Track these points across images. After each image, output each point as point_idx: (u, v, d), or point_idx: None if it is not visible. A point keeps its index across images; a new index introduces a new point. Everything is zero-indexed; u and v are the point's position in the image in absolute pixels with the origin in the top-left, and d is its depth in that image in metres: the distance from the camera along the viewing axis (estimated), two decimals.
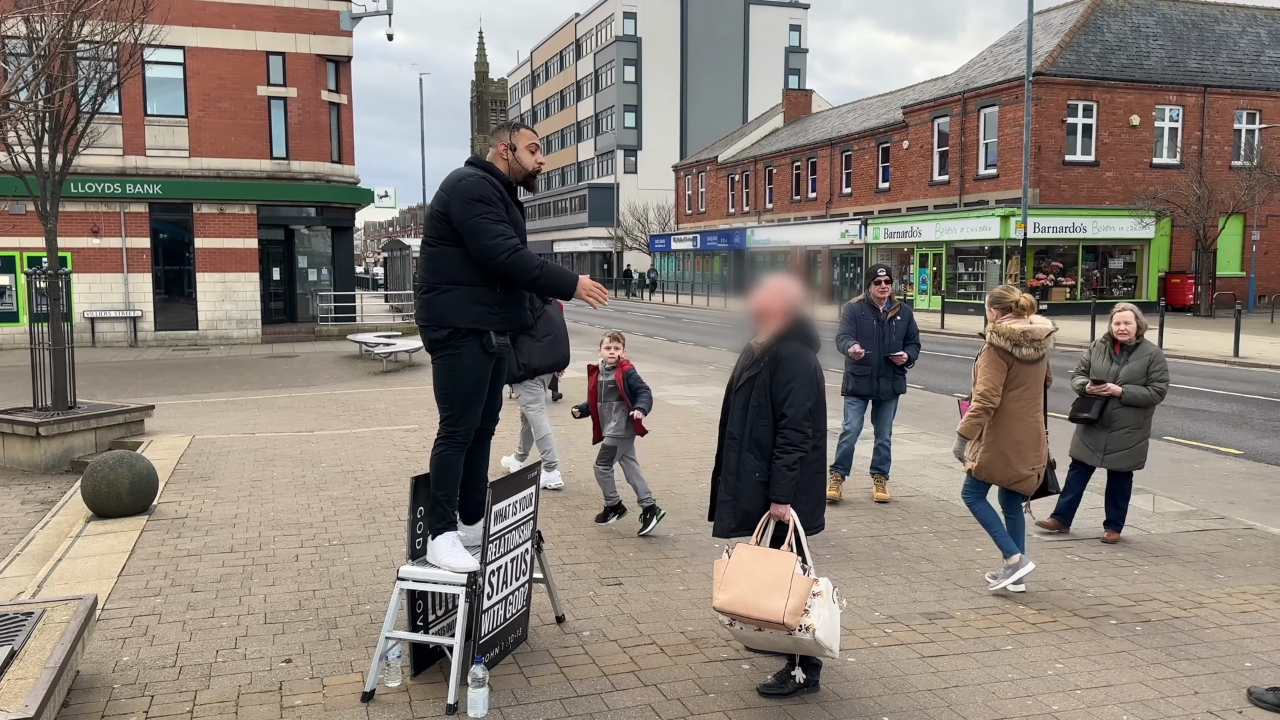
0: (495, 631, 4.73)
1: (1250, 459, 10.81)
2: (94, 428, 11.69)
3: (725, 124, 73.84)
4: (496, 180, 4.64)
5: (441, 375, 4.67)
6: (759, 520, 4.54)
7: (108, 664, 4.90)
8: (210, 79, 26.92)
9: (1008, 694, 4.61)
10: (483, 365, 4.66)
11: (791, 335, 4.58)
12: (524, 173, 4.78)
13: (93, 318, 26.43)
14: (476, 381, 4.67)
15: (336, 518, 7.72)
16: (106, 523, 7.62)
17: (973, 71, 38.55)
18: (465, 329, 4.57)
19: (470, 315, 4.57)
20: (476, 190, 4.53)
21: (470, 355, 4.61)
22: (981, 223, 34.16)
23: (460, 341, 4.59)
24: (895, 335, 8.20)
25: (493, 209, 4.52)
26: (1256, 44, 37.91)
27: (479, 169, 4.68)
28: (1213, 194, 31.94)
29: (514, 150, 4.76)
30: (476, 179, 4.58)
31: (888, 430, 8.37)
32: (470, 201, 4.50)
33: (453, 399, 4.66)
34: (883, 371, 8.17)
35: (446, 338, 4.59)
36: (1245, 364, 19.47)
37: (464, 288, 4.57)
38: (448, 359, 4.63)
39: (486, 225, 4.49)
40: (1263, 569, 6.57)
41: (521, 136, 4.78)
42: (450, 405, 4.67)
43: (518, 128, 4.82)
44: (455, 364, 4.62)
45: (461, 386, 4.64)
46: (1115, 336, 7.14)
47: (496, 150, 4.77)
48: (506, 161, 4.75)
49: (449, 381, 4.65)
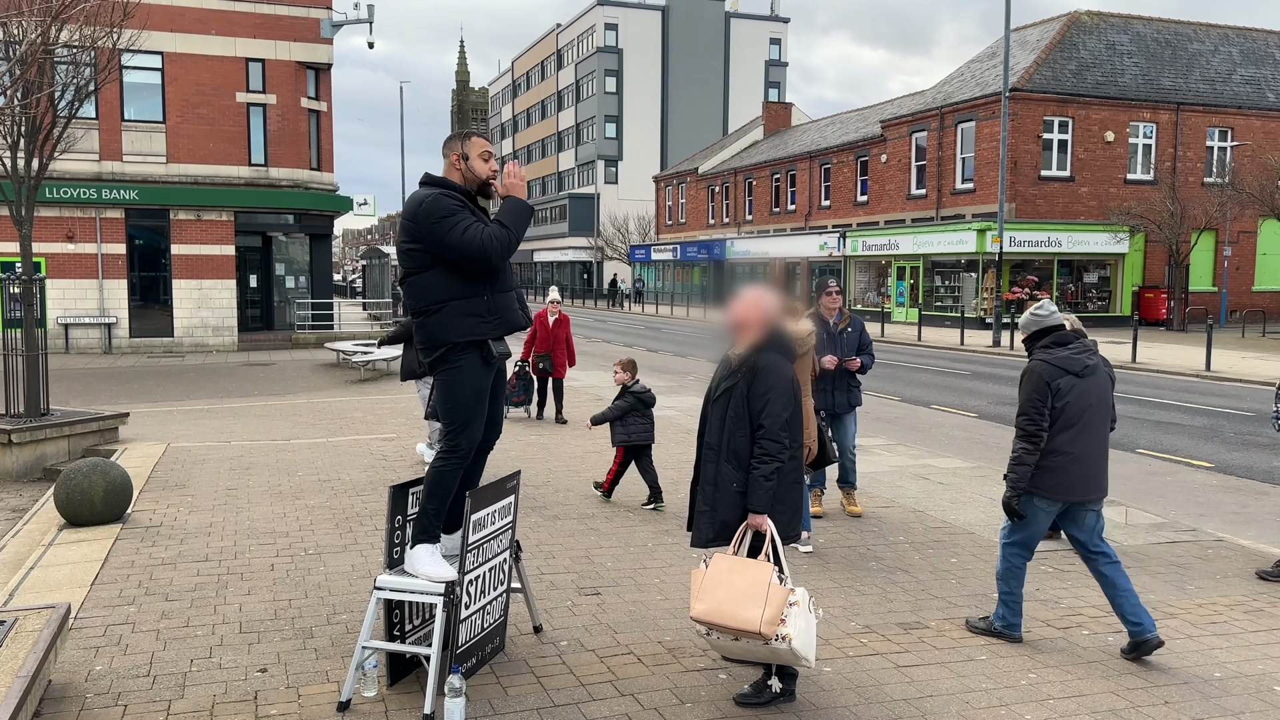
0: (472, 641, 4.73)
1: (1221, 472, 10.94)
2: (67, 435, 11.57)
3: (706, 136, 74.14)
4: (455, 192, 4.61)
5: (442, 390, 4.66)
6: (736, 530, 4.57)
7: (80, 673, 4.86)
8: (189, 85, 26.77)
9: (981, 703, 4.65)
10: (482, 376, 4.65)
11: (769, 346, 4.61)
12: (478, 181, 4.74)
13: (67, 324, 26.17)
14: (476, 392, 4.66)
15: (313, 527, 7.68)
16: (80, 531, 7.55)
17: (950, 87, 38.92)
18: (464, 343, 4.56)
19: (465, 328, 4.55)
20: (438, 208, 4.49)
21: (470, 367, 4.60)
22: (958, 236, 34.46)
23: (459, 355, 4.58)
24: (847, 347, 8.19)
25: (456, 216, 4.49)
26: (1229, 63, 38.49)
27: (434, 187, 4.63)
28: (1185, 210, 32.37)
29: (466, 159, 4.72)
30: (434, 196, 4.54)
31: (849, 441, 8.34)
32: (437, 221, 4.47)
33: (454, 413, 4.64)
34: (837, 385, 8.11)
35: (445, 353, 4.58)
36: (1216, 378, 19.72)
37: (453, 303, 4.55)
38: (447, 373, 4.61)
39: (458, 236, 4.45)
40: (1232, 580, 6.66)
41: (473, 145, 4.74)
42: (452, 419, 4.65)
43: (469, 136, 4.78)
44: (456, 377, 4.60)
45: (461, 399, 4.62)
46: None
47: (449, 161, 4.73)
48: (460, 171, 4.71)
49: (450, 396, 4.63)
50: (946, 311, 35.45)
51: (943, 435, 13.09)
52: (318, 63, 28.48)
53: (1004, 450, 11.79)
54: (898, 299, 38.81)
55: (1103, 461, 5.35)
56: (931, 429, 13.65)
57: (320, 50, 28.34)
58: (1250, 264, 37.68)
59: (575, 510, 8.28)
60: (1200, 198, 33.73)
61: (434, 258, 4.52)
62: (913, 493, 9.12)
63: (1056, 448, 5.21)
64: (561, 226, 77.29)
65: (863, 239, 40.36)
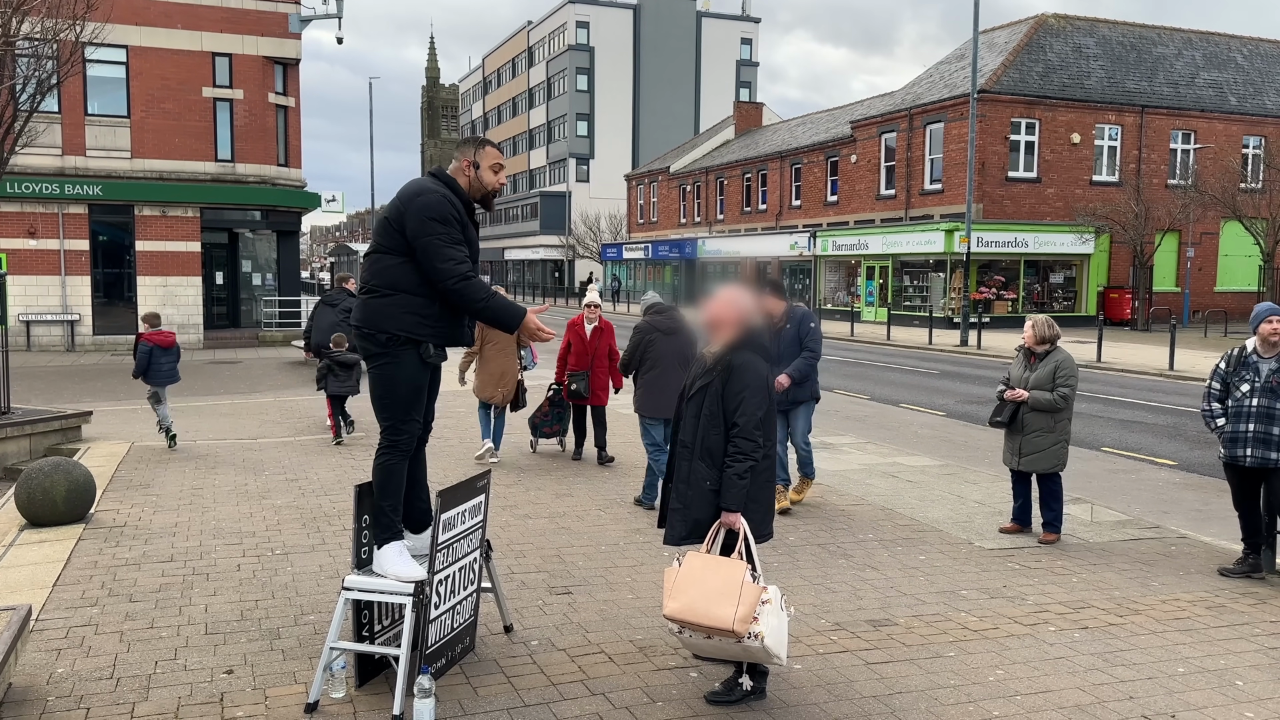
0: (442, 641, 4.70)
1: (1184, 469, 11.11)
2: (29, 434, 11.38)
3: (677, 135, 74.20)
4: (456, 198, 4.57)
5: (379, 384, 4.61)
6: (709, 528, 4.57)
7: (41, 676, 4.78)
8: (154, 79, 26.40)
9: (950, 700, 4.69)
10: (420, 374, 4.61)
11: (744, 345, 4.62)
12: (483, 191, 4.71)
13: (29, 321, 25.74)
14: (415, 389, 4.62)
15: (280, 526, 7.60)
16: (41, 531, 7.42)
17: (919, 88, 39.20)
18: (402, 337, 4.51)
19: (404, 324, 4.50)
20: (434, 209, 4.45)
21: (409, 364, 4.56)
22: (926, 236, 34.72)
23: (398, 349, 4.53)
24: (785, 343, 7.83)
25: (448, 230, 4.45)
26: (1192, 66, 39.07)
27: (440, 184, 4.59)
28: (1150, 211, 32.82)
29: (477, 168, 4.68)
30: (438, 196, 4.49)
31: (800, 435, 8.32)
32: (427, 220, 4.43)
33: (393, 408, 4.60)
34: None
35: (385, 344, 4.53)
36: (1179, 377, 20.01)
37: (403, 295, 4.50)
38: (385, 367, 4.56)
39: (440, 247, 4.42)
40: (1195, 577, 6.76)
41: (486, 155, 4.70)
42: (390, 414, 4.61)
43: (484, 144, 4.74)
44: (393, 373, 4.56)
45: (401, 395, 4.58)
46: (1024, 342, 7.60)
47: (459, 164, 4.69)
48: (468, 178, 4.67)
49: (387, 390, 4.59)
50: (915, 311, 35.72)
51: (911, 434, 13.19)
52: (285, 58, 28.20)
53: (972, 448, 11.95)
54: (867, 299, 39.04)
55: (673, 393, 6.73)
56: (900, 427, 13.74)
57: (288, 45, 28.05)
58: (1213, 265, 38.27)
59: (546, 509, 8.26)
60: (1164, 199, 34.21)
61: (407, 246, 4.48)
62: (882, 490, 9.18)
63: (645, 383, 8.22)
64: (533, 224, 77.08)
65: (833, 239, 40.57)
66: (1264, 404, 6.63)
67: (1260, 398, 6.64)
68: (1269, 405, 6.62)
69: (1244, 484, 6.89)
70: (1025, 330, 7.62)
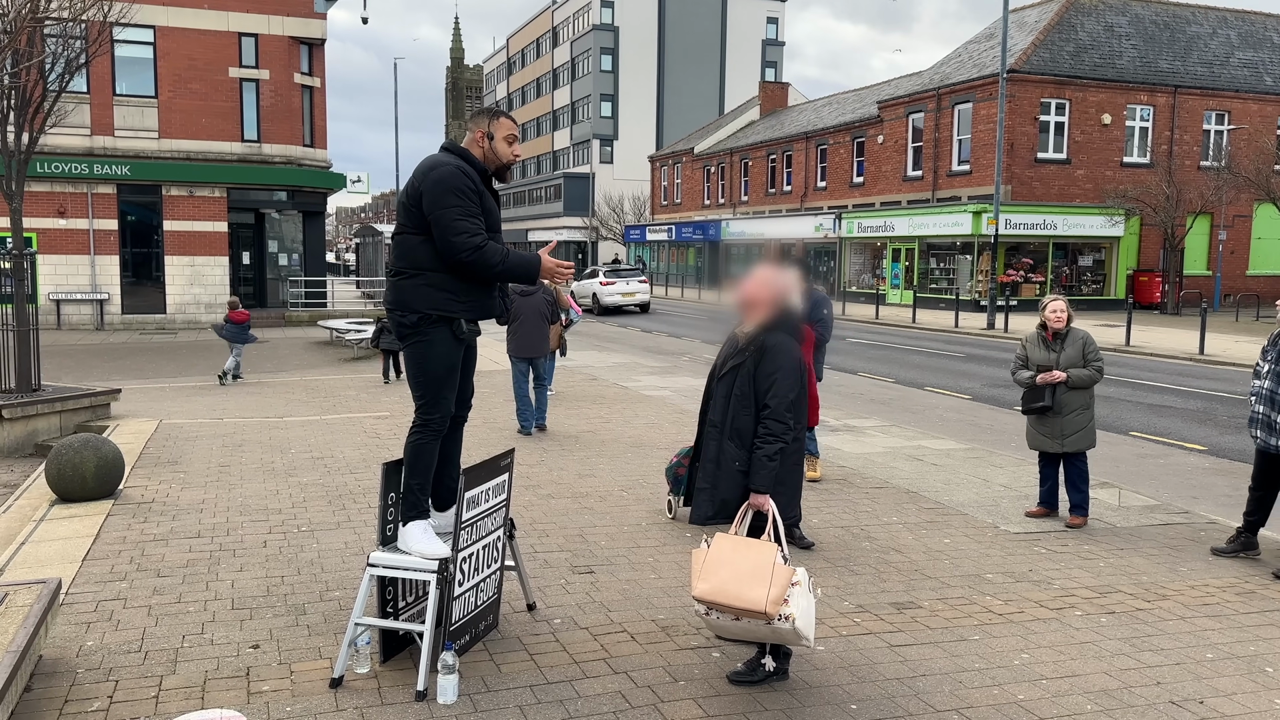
0: (466, 618, 4.72)
1: (1214, 455, 10.97)
2: (59, 410, 11.52)
3: (702, 115, 73.76)
4: (471, 169, 4.55)
5: (413, 363, 4.63)
6: (736, 509, 4.55)
7: (71, 648, 4.84)
8: (181, 59, 26.54)
9: (974, 683, 4.66)
10: (454, 352, 4.62)
11: (778, 326, 4.58)
12: (498, 163, 4.69)
13: (58, 299, 26.05)
14: (449, 368, 4.63)
15: (306, 504, 7.66)
16: (71, 506, 7.52)
17: (948, 68, 38.74)
18: (434, 316, 4.52)
19: (434, 302, 4.51)
20: (449, 181, 4.44)
21: (441, 342, 4.56)
22: (954, 218, 34.39)
23: (430, 328, 4.54)
24: None
25: (463, 202, 4.43)
26: (1226, 45, 38.36)
27: (455, 156, 4.58)
28: (1181, 193, 32.31)
29: (491, 139, 4.66)
30: (451, 169, 4.48)
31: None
32: (442, 193, 4.42)
33: (426, 386, 4.61)
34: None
35: (416, 324, 4.54)
36: (1210, 362, 19.75)
37: (429, 273, 4.51)
38: (418, 346, 4.58)
39: (453, 220, 4.40)
40: (1224, 562, 6.67)
41: (500, 126, 4.67)
42: (424, 392, 4.62)
43: (497, 115, 4.70)
44: (426, 351, 4.57)
45: (434, 373, 4.59)
46: (1050, 324, 7.40)
47: (473, 136, 4.67)
48: (482, 149, 4.65)
49: (421, 369, 4.60)
50: (941, 294, 35.43)
51: (936, 417, 13.10)
52: (311, 38, 28.26)
53: (998, 432, 11.85)
54: (892, 281, 38.76)
55: (542, 339, 10.71)
56: (925, 411, 13.65)
57: (314, 25, 28.11)
58: (1245, 248, 37.68)
59: (569, 489, 8.27)
60: (1196, 181, 33.67)
61: (428, 223, 4.47)
62: (906, 474, 9.12)
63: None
64: (556, 206, 76.99)
65: (858, 220, 40.27)
66: (1270, 387, 6.51)
67: (1270, 380, 6.53)
68: (1273, 389, 6.50)
69: (1268, 466, 6.78)
70: (1052, 310, 7.39)
